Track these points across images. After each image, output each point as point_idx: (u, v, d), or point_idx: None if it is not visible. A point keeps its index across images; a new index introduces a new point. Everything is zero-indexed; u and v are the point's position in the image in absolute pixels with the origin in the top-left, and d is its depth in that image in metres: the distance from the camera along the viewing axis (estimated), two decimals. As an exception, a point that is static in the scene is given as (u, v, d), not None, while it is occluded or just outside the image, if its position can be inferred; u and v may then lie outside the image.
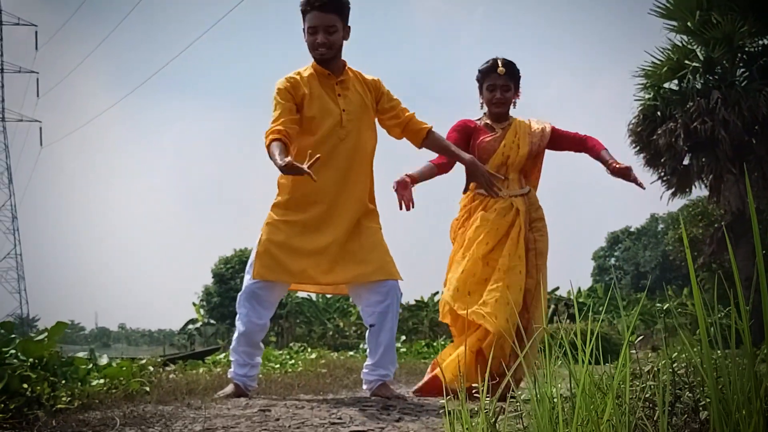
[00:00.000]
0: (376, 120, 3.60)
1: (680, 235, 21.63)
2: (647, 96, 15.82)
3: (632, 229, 57.37)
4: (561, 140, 4.14)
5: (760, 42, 15.28)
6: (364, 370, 3.54)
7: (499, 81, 3.97)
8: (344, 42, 3.44)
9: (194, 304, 47.92)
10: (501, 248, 3.87)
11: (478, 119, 4.16)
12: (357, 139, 3.39)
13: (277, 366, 6.81)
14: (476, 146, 4.00)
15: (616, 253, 58.50)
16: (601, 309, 33.57)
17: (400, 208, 3.49)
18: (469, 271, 3.86)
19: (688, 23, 15.31)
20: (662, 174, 16.00)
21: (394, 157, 4.44)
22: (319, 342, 31.58)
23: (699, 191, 16.96)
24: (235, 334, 3.56)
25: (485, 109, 4.12)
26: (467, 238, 3.95)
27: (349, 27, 3.45)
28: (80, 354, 3.74)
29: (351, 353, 10.71)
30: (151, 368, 4.45)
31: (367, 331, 3.49)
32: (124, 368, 3.52)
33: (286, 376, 5.53)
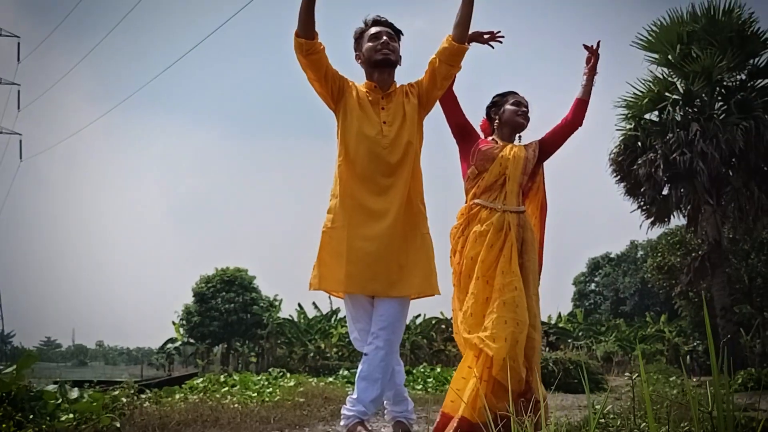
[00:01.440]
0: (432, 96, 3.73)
1: (659, 263, 21.78)
2: (628, 126, 16.04)
3: (612, 255, 57.53)
4: (555, 138, 4.22)
5: (738, 77, 15.55)
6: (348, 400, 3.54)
7: (524, 100, 4.19)
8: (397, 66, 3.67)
9: (174, 323, 47.51)
10: (496, 265, 3.88)
11: (491, 138, 4.26)
12: (400, 147, 3.52)
13: (255, 395, 6.74)
14: (477, 149, 4.08)
15: (596, 279, 58.57)
16: (581, 335, 33.69)
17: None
18: (472, 293, 3.85)
19: (669, 56, 15.56)
20: (642, 203, 16.18)
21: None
22: (299, 364, 31.40)
23: (677, 221, 17.16)
24: None
25: (498, 131, 4.21)
26: (466, 256, 3.97)
27: (401, 56, 3.68)
28: (50, 387, 3.70)
29: (330, 379, 10.65)
30: (124, 399, 4.41)
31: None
32: (95, 402, 3.48)
33: (263, 407, 5.50)
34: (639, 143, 15.72)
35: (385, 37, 3.55)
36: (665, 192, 15.83)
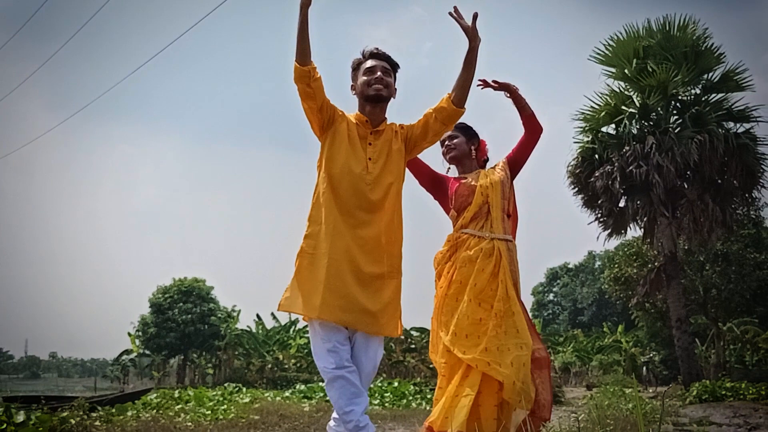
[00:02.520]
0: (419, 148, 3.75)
1: (616, 274, 22.00)
2: (586, 139, 16.19)
3: (570, 266, 58.18)
4: (515, 156, 4.24)
5: (693, 91, 15.80)
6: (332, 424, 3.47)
7: (449, 135, 4.23)
8: (391, 100, 3.65)
9: (130, 335, 46.81)
10: (490, 290, 3.92)
11: (457, 176, 4.31)
12: (383, 186, 3.49)
13: (209, 413, 6.60)
14: (454, 194, 4.14)
15: (554, 289, 59.15)
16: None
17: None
18: (464, 314, 3.87)
19: (626, 70, 15.77)
20: (599, 215, 16.31)
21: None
22: (257, 375, 31.07)
23: (634, 232, 17.36)
24: None
25: (459, 167, 4.30)
26: (455, 280, 3.98)
27: (396, 89, 3.66)
28: (-6, 411, 3.56)
29: (287, 393, 10.51)
30: (73, 421, 4.29)
31: None
32: (40, 428, 3.35)
33: (217, 426, 5.40)
34: (596, 156, 15.87)
35: (379, 72, 3.56)
36: (622, 204, 16.00)
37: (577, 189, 16.20)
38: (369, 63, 3.60)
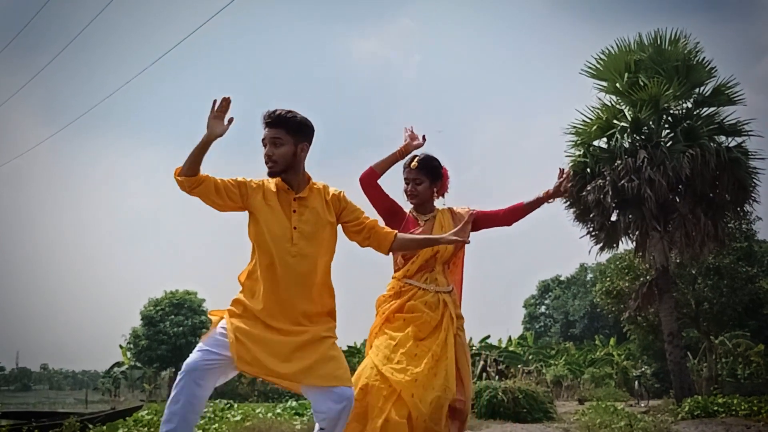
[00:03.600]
0: (341, 228, 3.61)
1: (608, 287, 22.01)
2: (578, 153, 16.19)
3: (562, 278, 58.24)
4: (483, 223, 4.21)
5: (684, 105, 15.84)
6: None
7: (411, 174, 4.14)
8: (300, 159, 3.45)
9: (121, 347, 46.67)
10: (432, 336, 3.92)
11: (411, 210, 4.26)
12: (309, 257, 3.37)
13: None
14: None
15: (546, 302, 59.18)
16: (531, 358, 33.88)
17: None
18: (400, 343, 3.88)
19: (617, 84, 15.81)
20: (591, 229, 16.32)
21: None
22: (248, 388, 30.94)
23: (626, 245, 17.37)
24: None
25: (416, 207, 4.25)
26: (398, 317, 3.98)
27: (306, 145, 3.46)
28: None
29: (279, 410, 10.42)
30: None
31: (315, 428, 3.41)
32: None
33: (205, 446, 5.34)
34: (588, 169, 15.86)
35: (267, 146, 3.38)
36: (614, 218, 16.00)
37: (569, 203, 16.19)
38: (263, 136, 3.43)
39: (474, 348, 33.66)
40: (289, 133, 3.39)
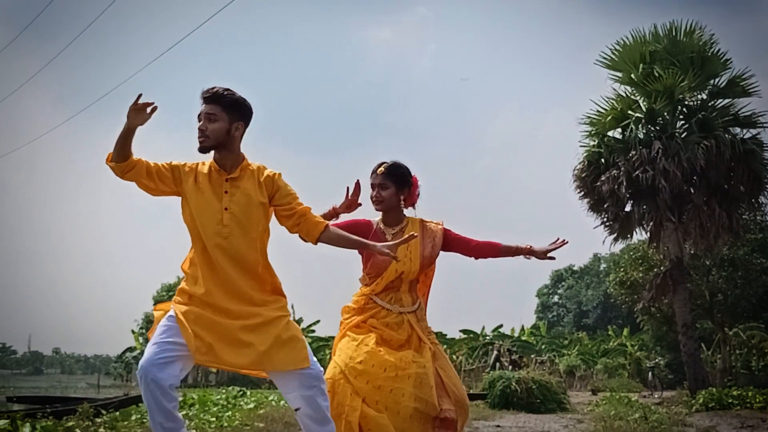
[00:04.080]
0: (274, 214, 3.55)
1: (621, 278, 21.96)
2: (592, 143, 16.18)
3: (575, 268, 58.07)
4: (453, 245, 4.12)
5: (699, 96, 15.77)
6: None
7: (377, 180, 4.05)
8: (234, 138, 3.41)
9: (133, 332, 46.95)
10: (399, 348, 3.87)
11: (376, 221, 4.16)
12: (241, 238, 3.32)
13: (213, 420, 6.61)
14: (371, 260, 4.02)
15: (559, 291, 59.06)
16: (544, 348, 33.86)
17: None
18: (364, 343, 3.81)
19: (632, 75, 15.73)
20: (605, 219, 16.30)
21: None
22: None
23: (639, 236, 17.34)
24: None
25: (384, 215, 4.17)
26: (364, 326, 3.94)
27: (242, 125, 3.42)
28: (0, 423, 3.57)
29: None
30: (78, 431, 4.29)
31: (296, 413, 3.40)
32: (46, 442, 3.35)
33: (221, 434, 5.40)
34: (602, 160, 15.86)
35: (201, 121, 3.34)
36: (628, 208, 15.99)
37: (583, 193, 16.18)
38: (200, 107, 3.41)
39: (487, 337, 33.76)
40: (224, 110, 3.35)
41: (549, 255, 4.00)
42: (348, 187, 3.96)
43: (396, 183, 4.06)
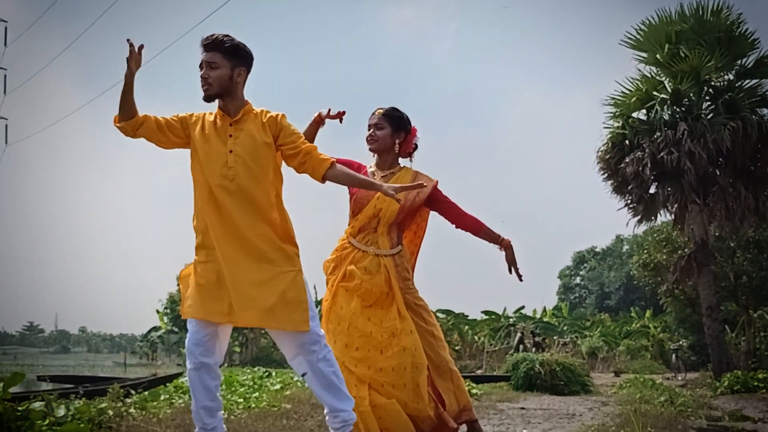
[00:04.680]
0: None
1: (645, 260, 21.85)
2: (616, 125, 16.06)
3: (598, 249, 57.89)
4: (438, 205, 4.11)
5: (726, 77, 15.57)
6: (327, 418, 3.49)
7: (373, 120, 4.08)
8: (237, 83, 3.45)
9: (158, 312, 47.42)
10: (381, 307, 3.87)
11: (371, 166, 4.18)
12: (247, 179, 3.35)
13: (241, 400, 6.70)
14: (353, 196, 4.04)
15: (581, 273, 58.90)
16: (566, 329, 33.81)
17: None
18: (353, 326, 3.83)
19: (657, 55, 15.56)
20: (629, 201, 16.22)
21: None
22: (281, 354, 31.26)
23: (663, 218, 17.23)
24: None
25: (378, 157, 4.18)
26: (340, 293, 3.94)
27: (243, 70, 3.47)
28: (36, 405, 3.65)
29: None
30: (111, 412, 4.37)
31: (305, 379, 3.45)
32: (82, 424, 3.43)
33: (250, 416, 5.48)
34: (627, 141, 15.76)
35: (203, 69, 3.39)
36: (652, 190, 15.89)
37: (606, 175, 16.10)
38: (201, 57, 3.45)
39: (509, 319, 33.77)
40: (225, 57, 3.40)
41: (510, 266, 4.01)
42: (330, 109, 4.00)
43: (392, 125, 4.08)
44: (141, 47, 3.19)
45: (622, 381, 15.03)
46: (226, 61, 3.40)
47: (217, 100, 3.46)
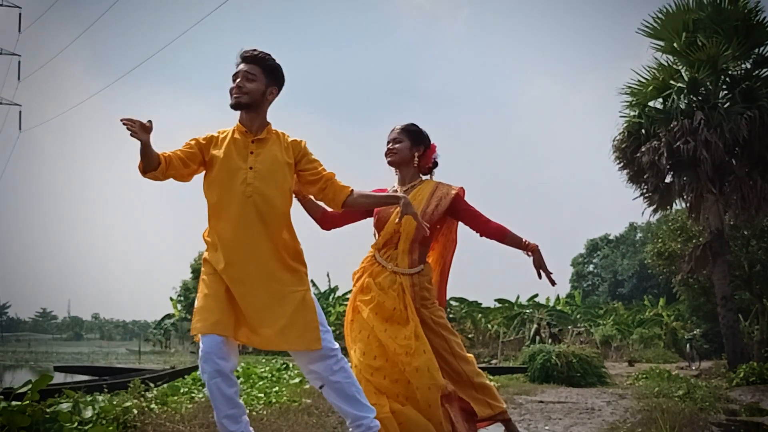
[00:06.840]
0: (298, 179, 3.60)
1: (659, 249, 21.77)
2: (632, 113, 15.99)
3: (611, 237, 57.75)
4: (462, 214, 4.07)
5: (743, 66, 15.46)
6: (350, 430, 3.50)
7: (392, 135, 4.09)
8: (266, 101, 3.48)
9: (171, 299, 47.68)
10: (397, 323, 3.85)
11: (393, 185, 4.18)
12: (264, 198, 3.34)
13: (261, 395, 6.73)
14: (376, 213, 4.05)
15: (594, 260, 58.81)
16: (579, 317, 33.76)
17: None
18: (373, 335, 3.84)
19: (674, 44, 15.47)
20: (644, 190, 16.18)
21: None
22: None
23: (678, 207, 17.17)
24: None
25: (398, 173, 4.18)
26: (361, 307, 3.95)
27: (275, 90, 3.49)
28: (63, 406, 3.67)
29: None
30: (135, 411, 4.39)
31: (322, 392, 3.46)
32: (111, 427, 3.46)
33: (272, 412, 5.50)
34: (643, 131, 15.70)
35: (239, 78, 3.40)
36: (668, 180, 15.84)
37: (622, 164, 16.06)
38: (236, 68, 3.47)
39: (523, 307, 33.77)
40: (263, 73, 3.44)
41: (539, 270, 3.96)
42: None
43: (411, 138, 4.07)
44: (149, 122, 3.16)
45: (637, 371, 15.01)
46: (264, 77, 3.43)
47: (239, 115, 3.47)
